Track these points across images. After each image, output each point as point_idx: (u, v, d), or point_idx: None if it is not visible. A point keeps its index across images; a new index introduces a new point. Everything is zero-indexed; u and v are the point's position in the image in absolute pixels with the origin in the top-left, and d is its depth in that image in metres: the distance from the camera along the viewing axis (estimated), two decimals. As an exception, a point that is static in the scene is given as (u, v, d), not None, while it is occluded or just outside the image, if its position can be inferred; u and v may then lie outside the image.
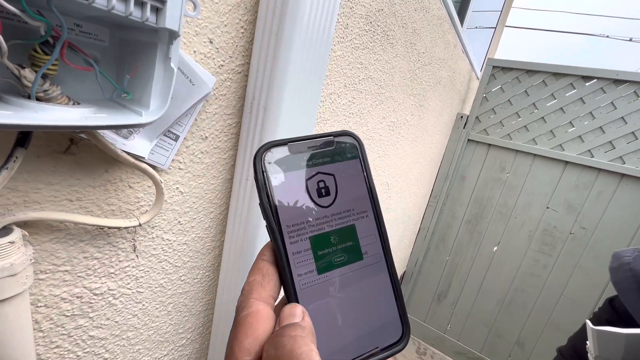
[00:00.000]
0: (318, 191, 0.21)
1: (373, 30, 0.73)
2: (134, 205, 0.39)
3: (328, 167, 0.22)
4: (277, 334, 0.17)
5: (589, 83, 1.65)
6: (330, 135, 0.23)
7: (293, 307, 0.19)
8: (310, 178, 0.21)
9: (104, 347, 0.43)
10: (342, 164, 0.23)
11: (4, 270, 0.27)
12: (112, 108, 0.29)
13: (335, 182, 0.22)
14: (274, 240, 0.20)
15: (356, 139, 0.24)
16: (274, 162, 0.20)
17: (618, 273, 0.41)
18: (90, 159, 0.34)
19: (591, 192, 1.68)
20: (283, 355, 0.15)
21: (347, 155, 0.23)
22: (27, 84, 0.23)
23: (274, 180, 0.20)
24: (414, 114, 1.22)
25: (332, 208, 0.22)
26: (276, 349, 0.16)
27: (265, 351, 0.16)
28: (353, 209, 0.23)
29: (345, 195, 0.23)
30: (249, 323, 0.18)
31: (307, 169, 0.21)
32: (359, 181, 0.23)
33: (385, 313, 0.23)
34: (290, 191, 0.21)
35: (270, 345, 0.17)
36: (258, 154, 0.20)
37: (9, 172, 0.25)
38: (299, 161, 0.21)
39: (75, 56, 0.27)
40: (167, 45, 0.28)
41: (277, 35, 0.42)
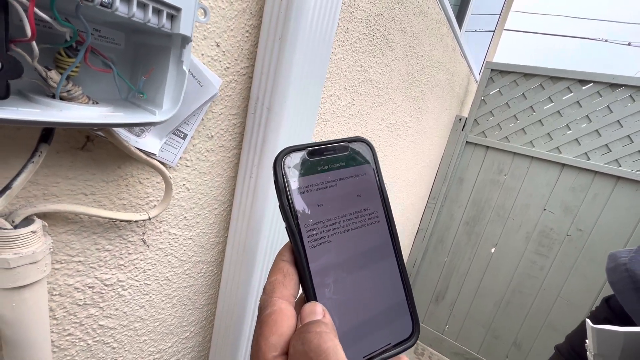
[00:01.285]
0: (333, 194, 0.23)
1: (372, 34, 0.75)
2: (144, 200, 0.41)
3: (343, 172, 0.23)
4: (303, 330, 0.18)
5: (585, 87, 1.68)
6: (345, 141, 0.24)
7: (313, 305, 0.20)
8: (326, 182, 0.23)
9: (113, 337, 0.45)
10: (356, 168, 0.24)
11: (26, 257, 0.28)
12: (128, 107, 0.31)
13: (349, 186, 0.23)
14: (294, 242, 0.21)
15: (369, 145, 0.25)
16: (292, 166, 0.21)
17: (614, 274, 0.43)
18: (105, 155, 0.36)
19: (587, 195, 1.71)
20: (310, 350, 0.17)
21: (361, 160, 0.24)
22: (52, 85, 0.25)
23: (293, 184, 0.21)
24: (412, 116, 1.24)
25: (346, 211, 0.23)
26: (304, 344, 0.17)
27: (292, 346, 0.18)
28: (367, 212, 0.24)
29: (359, 198, 0.24)
30: (273, 320, 0.19)
31: (324, 173, 0.22)
32: (371, 185, 0.24)
33: (397, 310, 0.24)
34: (308, 194, 0.22)
35: (297, 341, 0.17)
36: (278, 159, 0.21)
37: (35, 166, 0.27)
38: (315, 165, 0.22)
39: (95, 59, 0.29)
40: (179, 49, 0.30)
41: (281, 39, 0.44)
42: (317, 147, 0.23)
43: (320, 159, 0.23)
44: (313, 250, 0.22)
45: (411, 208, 1.81)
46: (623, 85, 1.59)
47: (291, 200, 0.21)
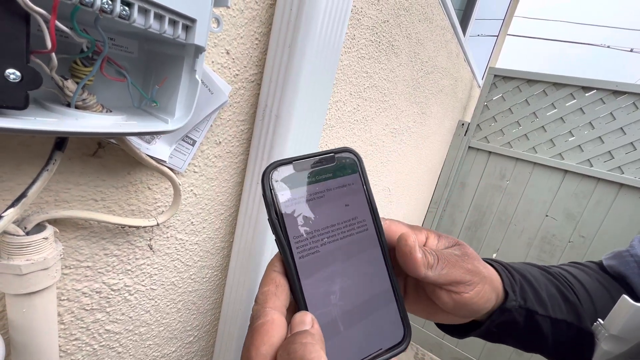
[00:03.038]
0: (322, 205, 0.23)
1: (379, 40, 0.76)
2: (152, 206, 0.42)
3: (330, 183, 0.24)
4: (289, 341, 0.18)
5: (588, 93, 1.68)
6: (332, 153, 0.24)
7: (303, 315, 0.20)
8: (314, 193, 0.23)
9: (118, 342, 0.45)
10: (343, 178, 0.24)
11: (38, 264, 0.29)
12: (141, 115, 0.31)
13: (337, 196, 0.24)
14: (283, 254, 0.22)
15: (355, 155, 0.25)
16: (280, 180, 0.22)
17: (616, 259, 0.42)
18: (115, 162, 0.36)
19: (590, 201, 1.71)
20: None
21: (348, 171, 0.25)
22: (68, 94, 0.26)
23: (281, 197, 0.22)
24: (416, 121, 1.25)
25: (335, 221, 0.24)
26: (288, 355, 0.17)
27: (279, 356, 0.18)
28: (355, 221, 0.24)
29: (347, 208, 0.24)
30: (265, 330, 0.19)
31: (311, 185, 0.23)
32: (359, 194, 0.25)
33: (387, 316, 0.25)
34: (296, 206, 0.22)
35: (283, 351, 0.18)
36: (266, 173, 0.22)
37: (49, 174, 0.27)
38: (303, 178, 0.23)
39: (109, 67, 0.29)
40: (192, 58, 0.30)
41: (290, 47, 0.44)
42: (304, 160, 0.23)
43: (307, 171, 0.23)
44: (302, 260, 0.22)
45: (413, 213, 1.81)
46: (626, 93, 1.59)
47: (279, 213, 0.22)
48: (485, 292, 0.28)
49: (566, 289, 0.37)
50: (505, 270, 0.34)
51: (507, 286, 0.31)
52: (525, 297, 0.33)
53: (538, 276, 0.37)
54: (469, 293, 0.27)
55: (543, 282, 0.36)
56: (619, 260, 0.41)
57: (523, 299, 0.32)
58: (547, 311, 0.34)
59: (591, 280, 0.40)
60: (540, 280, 0.36)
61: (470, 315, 0.29)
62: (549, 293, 0.35)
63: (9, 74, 0.20)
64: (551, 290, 0.36)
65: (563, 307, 0.35)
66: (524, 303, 0.32)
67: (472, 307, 0.28)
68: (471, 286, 0.27)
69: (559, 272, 0.40)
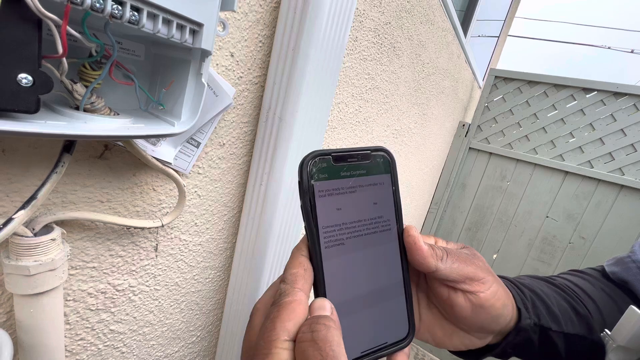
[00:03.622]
0: (352, 200, 0.24)
1: (380, 42, 0.76)
2: (157, 207, 0.42)
3: (363, 179, 0.24)
4: (314, 321, 0.20)
5: (589, 95, 1.68)
6: (368, 150, 0.25)
7: (323, 301, 0.22)
8: (347, 187, 0.24)
9: (122, 342, 0.45)
10: (375, 177, 0.25)
11: (45, 265, 0.29)
12: (148, 118, 0.31)
13: (367, 193, 0.25)
14: (311, 241, 0.22)
15: (390, 155, 0.26)
16: (317, 169, 0.22)
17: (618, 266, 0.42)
18: (121, 164, 0.36)
19: (590, 203, 1.71)
20: (318, 339, 0.18)
21: (380, 169, 0.25)
22: (77, 97, 0.26)
23: (316, 187, 0.22)
24: (417, 123, 1.25)
25: (362, 216, 0.24)
26: (312, 332, 0.19)
27: (302, 332, 0.19)
28: (380, 220, 0.25)
29: (375, 206, 0.25)
30: (292, 308, 0.20)
31: (345, 179, 0.24)
32: (387, 194, 0.26)
33: (396, 312, 0.26)
34: (329, 198, 0.23)
35: (307, 328, 0.19)
36: (305, 162, 0.22)
37: (58, 176, 0.27)
38: (339, 171, 0.23)
39: (117, 71, 0.29)
40: (199, 62, 0.31)
41: (294, 49, 0.45)
42: (341, 154, 0.24)
43: (343, 164, 0.24)
44: (328, 250, 0.23)
45: (413, 213, 1.81)
46: (627, 94, 1.59)
47: (313, 202, 0.22)
48: (501, 295, 0.28)
49: (575, 302, 0.36)
50: (513, 286, 0.33)
51: (519, 303, 0.31)
52: (538, 313, 0.32)
53: (547, 290, 0.36)
54: (485, 292, 0.27)
55: (553, 296, 0.35)
56: (622, 266, 0.41)
57: (537, 316, 0.32)
58: (561, 327, 0.33)
59: (596, 290, 0.40)
60: (549, 295, 0.35)
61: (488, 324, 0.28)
62: (560, 307, 0.34)
63: (21, 78, 0.21)
64: (562, 304, 0.35)
65: (575, 320, 0.34)
66: (538, 320, 0.31)
67: (489, 311, 0.27)
68: (486, 284, 0.27)
69: (564, 283, 0.40)
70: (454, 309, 0.28)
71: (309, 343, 0.18)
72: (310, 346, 0.18)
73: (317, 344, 0.18)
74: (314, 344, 0.18)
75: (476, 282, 0.27)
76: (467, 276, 0.26)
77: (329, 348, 0.18)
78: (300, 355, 0.18)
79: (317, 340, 0.18)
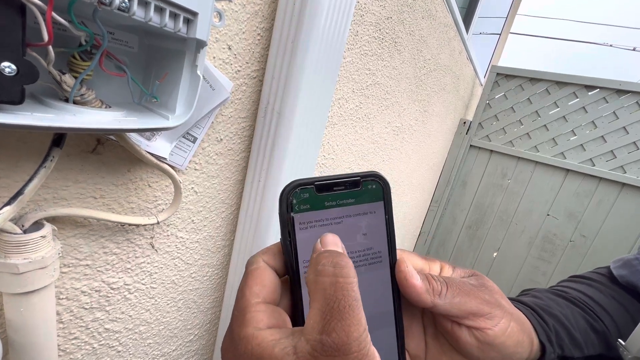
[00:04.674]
0: (338, 232, 0.21)
1: (382, 37, 0.75)
2: (152, 204, 0.41)
3: (351, 209, 0.22)
4: (336, 255, 0.18)
5: (591, 92, 1.67)
6: (358, 176, 0.23)
7: (336, 237, 0.20)
8: (331, 218, 0.22)
9: (118, 340, 0.45)
10: (365, 205, 0.23)
11: (35, 262, 0.28)
12: (141, 112, 0.30)
13: (355, 224, 0.23)
14: (291, 276, 0.21)
15: (383, 181, 0.23)
16: (298, 200, 0.21)
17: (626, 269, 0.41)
18: (115, 159, 0.35)
19: (592, 201, 1.70)
20: (341, 275, 0.17)
21: (372, 198, 0.23)
22: (66, 89, 0.25)
23: (296, 219, 0.21)
24: (418, 120, 1.24)
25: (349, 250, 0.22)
26: (334, 267, 0.17)
27: (322, 264, 0.18)
28: (369, 251, 0.23)
29: (364, 237, 0.23)
30: (257, 274, 0.21)
31: (330, 210, 0.22)
32: (379, 224, 0.23)
33: (385, 350, 0.24)
34: (311, 230, 0.21)
35: (329, 261, 0.18)
36: (284, 192, 0.21)
37: (47, 171, 0.26)
38: (323, 201, 0.22)
39: (109, 62, 0.28)
40: (194, 53, 0.30)
41: (293, 42, 0.43)
42: (326, 182, 0.22)
43: (328, 194, 0.22)
44: None
45: (413, 211, 1.81)
46: (630, 92, 1.58)
47: (292, 235, 0.21)
48: (514, 332, 0.25)
49: (592, 319, 0.35)
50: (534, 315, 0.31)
51: (542, 337, 0.28)
52: (562, 344, 0.30)
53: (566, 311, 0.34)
54: (493, 329, 0.24)
55: (572, 317, 0.33)
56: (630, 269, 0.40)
57: (560, 347, 0.29)
58: (583, 351, 0.31)
59: (606, 298, 0.38)
60: (569, 317, 0.33)
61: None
62: (581, 329, 0.33)
63: (4, 67, 0.19)
64: (581, 324, 0.33)
65: (595, 340, 0.33)
66: (562, 352, 0.29)
67: (500, 350, 0.24)
68: (493, 320, 0.24)
69: (578, 296, 0.38)
70: (458, 344, 0.25)
71: (331, 280, 0.17)
72: (332, 285, 0.17)
73: (339, 283, 0.17)
74: (335, 283, 0.17)
75: (481, 318, 0.24)
76: (470, 312, 0.23)
77: (351, 289, 0.17)
78: (321, 294, 0.17)
79: (339, 277, 0.17)
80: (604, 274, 0.44)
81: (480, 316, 0.24)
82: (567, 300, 0.37)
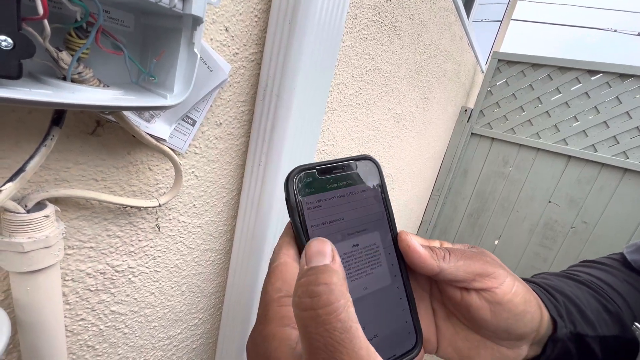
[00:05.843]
0: (342, 210, 0.23)
1: (381, 21, 0.74)
2: (153, 187, 0.41)
3: (351, 189, 0.24)
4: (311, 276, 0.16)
5: (594, 77, 1.65)
6: (352, 160, 0.25)
7: (320, 242, 0.17)
8: (336, 198, 0.23)
9: (124, 323, 0.46)
10: (362, 185, 0.25)
11: (39, 242, 0.28)
12: (139, 91, 0.30)
13: (357, 202, 0.24)
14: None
15: (375, 163, 0.26)
16: (303, 184, 0.22)
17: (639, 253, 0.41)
18: (115, 141, 0.35)
19: (594, 187, 1.70)
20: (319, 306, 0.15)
21: (367, 178, 0.25)
22: (63, 66, 0.25)
23: (304, 201, 0.22)
24: (418, 107, 1.23)
25: (353, 226, 0.24)
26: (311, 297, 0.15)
27: (298, 296, 0.16)
28: (373, 228, 0.25)
29: (366, 214, 0.25)
30: (279, 271, 0.20)
31: (333, 191, 0.23)
32: (377, 202, 0.26)
33: (401, 322, 0.25)
34: (318, 211, 0.23)
35: (304, 290, 0.15)
36: (290, 177, 0.22)
37: (47, 149, 0.26)
38: (325, 184, 0.23)
39: (105, 40, 0.28)
40: (190, 31, 0.29)
41: (290, 23, 0.43)
42: (326, 166, 0.24)
43: (329, 177, 0.24)
44: None
45: (415, 199, 1.81)
46: (633, 76, 1.56)
47: (302, 217, 0.22)
48: (520, 290, 0.25)
49: (605, 300, 0.34)
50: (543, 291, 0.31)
51: (553, 312, 0.28)
52: (573, 320, 0.29)
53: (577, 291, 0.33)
54: (500, 287, 0.24)
55: (584, 297, 0.33)
56: None
57: (572, 323, 0.29)
58: (596, 330, 0.30)
59: (620, 282, 0.38)
60: (581, 296, 0.33)
61: (514, 325, 0.25)
62: (593, 309, 0.32)
63: (0, 40, 0.19)
64: (593, 304, 0.33)
65: (608, 321, 0.32)
66: (574, 328, 0.29)
67: (510, 308, 0.24)
68: (499, 279, 0.24)
69: (589, 279, 0.37)
70: (470, 311, 0.25)
71: (309, 314, 0.15)
72: (312, 320, 0.14)
73: (319, 317, 0.14)
74: (315, 318, 0.14)
75: (487, 277, 0.24)
76: (475, 272, 0.24)
77: (335, 319, 0.14)
78: (303, 330, 0.15)
79: (318, 308, 0.14)
80: (616, 258, 0.43)
81: (485, 276, 0.24)
82: (578, 282, 0.36)
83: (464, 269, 0.24)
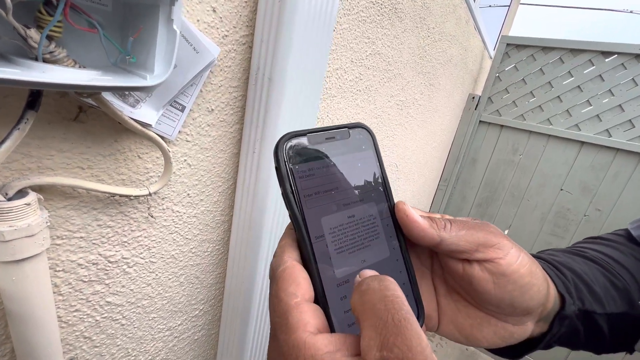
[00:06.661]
0: (335, 179, 0.22)
1: (380, 2, 0.71)
2: (144, 176, 0.40)
3: (344, 157, 0.23)
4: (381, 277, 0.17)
5: (609, 59, 1.58)
6: (345, 127, 0.24)
7: (373, 271, 0.19)
8: (328, 166, 0.22)
9: (121, 314, 0.45)
10: (356, 154, 0.24)
11: (21, 230, 0.28)
12: (117, 72, 0.29)
13: (351, 171, 0.23)
14: (297, 228, 0.20)
15: (369, 131, 0.25)
16: (294, 152, 0.21)
17: None
18: (100, 128, 0.34)
19: (608, 173, 1.64)
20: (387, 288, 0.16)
21: (362, 147, 0.24)
22: (33, 45, 0.24)
23: (295, 170, 0.21)
24: (423, 93, 1.20)
25: (348, 197, 0.22)
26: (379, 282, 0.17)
27: (366, 284, 0.17)
28: (369, 198, 0.23)
29: (361, 184, 0.23)
30: (288, 274, 0.19)
31: (326, 159, 0.22)
32: (373, 172, 0.24)
33: None
34: (311, 180, 0.21)
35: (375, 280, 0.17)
36: (280, 144, 0.20)
37: (21, 133, 0.25)
38: (317, 151, 0.22)
39: (79, 18, 0.27)
40: (168, 6, 0.28)
41: (280, 1, 0.41)
42: (318, 133, 0.22)
43: (321, 144, 0.22)
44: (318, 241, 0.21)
45: (422, 190, 1.78)
46: (650, 56, 1.49)
47: (294, 186, 0.20)
48: (525, 261, 0.24)
49: (613, 276, 0.33)
50: (551, 267, 0.29)
51: (561, 288, 0.27)
52: (582, 297, 0.28)
53: (585, 268, 0.32)
54: (504, 258, 0.23)
55: (592, 273, 0.32)
56: None
57: (580, 300, 0.28)
58: (604, 308, 0.29)
59: (626, 257, 0.36)
60: (589, 273, 0.31)
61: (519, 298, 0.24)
62: (601, 285, 0.31)
63: (-45, 12, 0.18)
64: (601, 280, 0.32)
65: (617, 297, 0.31)
66: (582, 305, 0.28)
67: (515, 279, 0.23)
68: (503, 250, 0.23)
69: (596, 255, 0.36)
70: (473, 284, 0.24)
71: (379, 295, 0.16)
72: (382, 300, 0.16)
73: (390, 299, 0.15)
74: (385, 298, 0.16)
75: (490, 248, 0.23)
76: (478, 242, 0.23)
77: (407, 307, 0.15)
78: (369, 309, 0.16)
79: (387, 292, 0.16)
80: (621, 234, 0.41)
81: (489, 246, 0.23)
82: (585, 258, 0.35)
83: (465, 238, 0.23)
